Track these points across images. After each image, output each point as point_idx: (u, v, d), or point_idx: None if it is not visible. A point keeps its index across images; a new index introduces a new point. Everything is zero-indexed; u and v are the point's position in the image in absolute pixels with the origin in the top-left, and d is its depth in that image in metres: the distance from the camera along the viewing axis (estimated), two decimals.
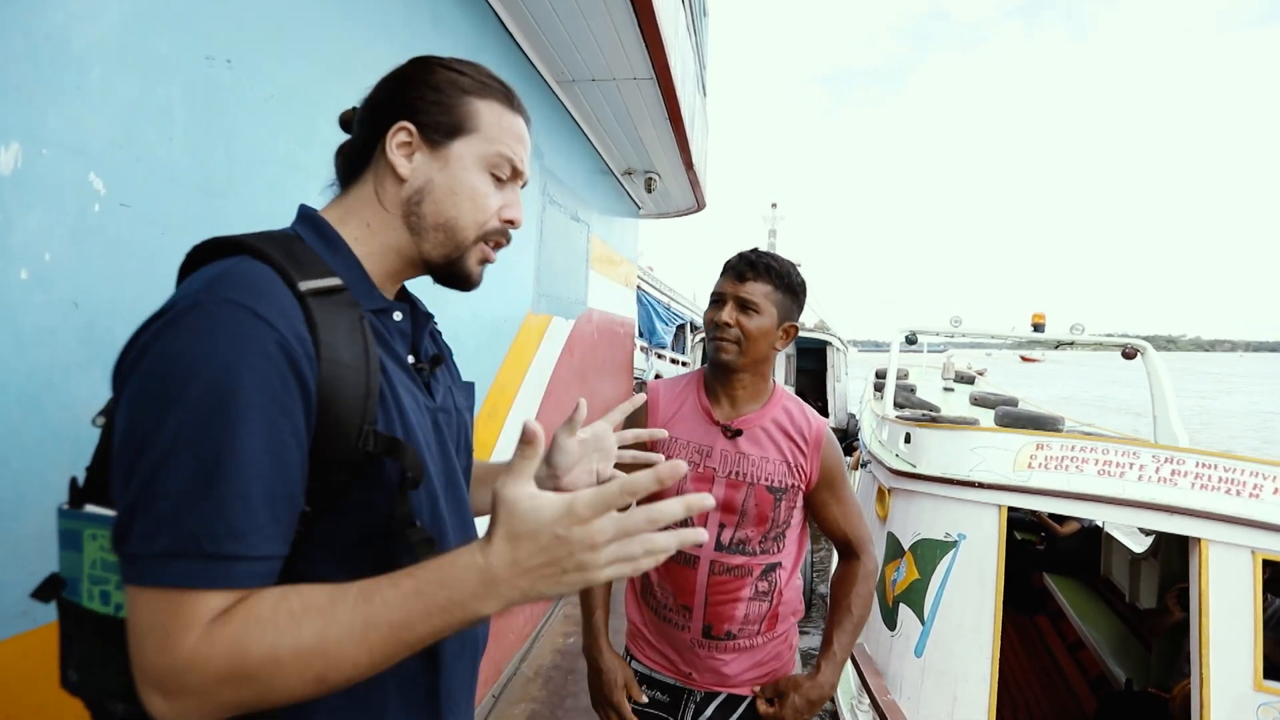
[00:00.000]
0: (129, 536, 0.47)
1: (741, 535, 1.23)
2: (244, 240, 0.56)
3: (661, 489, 0.50)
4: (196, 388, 0.48)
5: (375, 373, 0.58)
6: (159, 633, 0.46)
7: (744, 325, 1.21)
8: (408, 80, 0.66)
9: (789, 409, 1.29)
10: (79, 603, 0.55)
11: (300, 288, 0.55)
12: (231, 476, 0.47)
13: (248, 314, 0.50)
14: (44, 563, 0.82)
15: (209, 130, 1.06)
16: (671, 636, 1.28)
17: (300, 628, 0.48)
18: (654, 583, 1.31)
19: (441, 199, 0.66)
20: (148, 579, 0.47)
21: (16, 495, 0.79)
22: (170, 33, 0.98)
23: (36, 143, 0.80)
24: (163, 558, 0.46)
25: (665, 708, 1.30)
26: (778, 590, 1.25)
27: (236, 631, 0.47)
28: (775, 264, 1.24)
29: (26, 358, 0.80)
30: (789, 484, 1.23)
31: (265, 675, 0.47)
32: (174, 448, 0.47)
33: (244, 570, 0.49)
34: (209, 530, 0.47)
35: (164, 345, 0.49)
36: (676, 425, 1.29)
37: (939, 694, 2.70)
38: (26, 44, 0.78)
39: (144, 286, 0.94)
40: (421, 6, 1.76)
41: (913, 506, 3.03)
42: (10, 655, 0.80)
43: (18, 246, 0.78)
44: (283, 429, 0.51)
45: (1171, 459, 2.65)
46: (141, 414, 0.48)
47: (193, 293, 0.51)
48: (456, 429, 0.74)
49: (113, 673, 0.53)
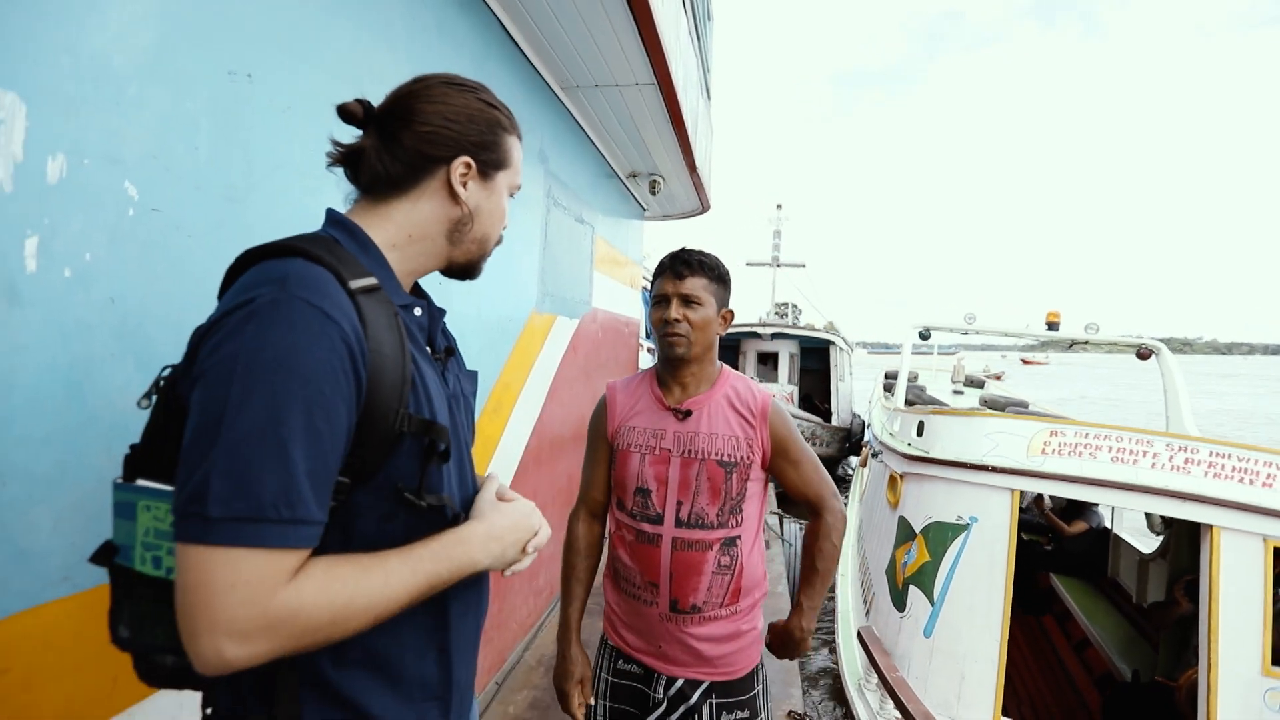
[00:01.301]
0: (206, 500, 0.53)
1: (698, 510, 1.31)
2: (295, 245, 0.64)
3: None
4: (276, 374, 0.55)
5: (409, 363, 0.67)
6: (244, 588, 0.53)
7: (690, 318, 1.31)
8: (466, 119, 0.76)
9: (736, 387, 1.38)
10: (131, 567, 0.63)
11: (350, 286, 0.63)
12: (300, 453, 0.55)
13: (318, 312, 0.58)
14: (83, 534, 0.91)
15: (231, 140, 1.14)
16: (642, 614, 1.36)
17: (369, 578, 0.60)
18: (624, 563, 1.39)
19: (485, 220, 0.80)
20: (230, 539, 0.53)
21: (59, 472, 0.88)
22: (197, 50, 1.06)
23: (79, 154, 0.88)
24: (243, 521, 0.53)
25: (638, 679, 1.38)
26: (739, 564, 1.32)
27: (321, 583, 0.57)
28: (705, 258, 1.35)
29: (69, 349, 0.88)
30: (739, 457, 1.31)
31: (343, 620, 0.58)
32: (256, 424, 0.54)
33: (310, 533, 0.57)
34: (286, 497, 0.55)
35: (248, 335, 0.56)
36: (634, 418, 1.40)
37: (947, 674, 2.73)
38: (72, 63, 0.87)
39: (172, 285, 1.03)
40: (428, 17, 1.84)
41: (925, 490, 3.06)
42: (53, 617, 0.88)
43: (62, 248, 0.87)
44: (340, 412, 0.59)
45: (1185, 447, 2.67)
46: (224, 393, 0.54)
47: (267, 291, 0.58)
48: (464, 412, 0.84)
49: (162, 629, 0.61)
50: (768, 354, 11.50)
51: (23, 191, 0.81)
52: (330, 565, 0.59)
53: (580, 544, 1.48)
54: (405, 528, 0.68)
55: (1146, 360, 4.90)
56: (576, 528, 1.50)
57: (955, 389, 8.96)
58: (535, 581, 3.17)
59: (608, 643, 1.45)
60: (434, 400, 0.71)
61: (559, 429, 3.29)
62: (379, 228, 0.74)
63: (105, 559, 0.65)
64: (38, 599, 0.86)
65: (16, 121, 0.80)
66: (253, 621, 0.53)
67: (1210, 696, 2.44)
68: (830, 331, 10.97)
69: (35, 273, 0.83)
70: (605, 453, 1.45)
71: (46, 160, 0.84)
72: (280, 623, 0.54)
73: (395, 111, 0.75)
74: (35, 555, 0.85)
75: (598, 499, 1.49)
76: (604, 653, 1.46)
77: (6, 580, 0.82)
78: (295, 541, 0.56)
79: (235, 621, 0.53)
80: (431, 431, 0.67)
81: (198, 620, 0.53)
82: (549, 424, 3.11)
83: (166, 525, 0.61)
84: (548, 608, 3.45)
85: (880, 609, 3.15)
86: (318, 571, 0.58)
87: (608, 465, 1.45)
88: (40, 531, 0.86)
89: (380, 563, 0.62)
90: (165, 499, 0.61)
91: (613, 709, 1.40)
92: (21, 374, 0.82)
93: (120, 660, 0.97)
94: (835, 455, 10.16)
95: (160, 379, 0.67)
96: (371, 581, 0.60)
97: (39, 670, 0.86)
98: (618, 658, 1.41)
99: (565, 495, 3.51)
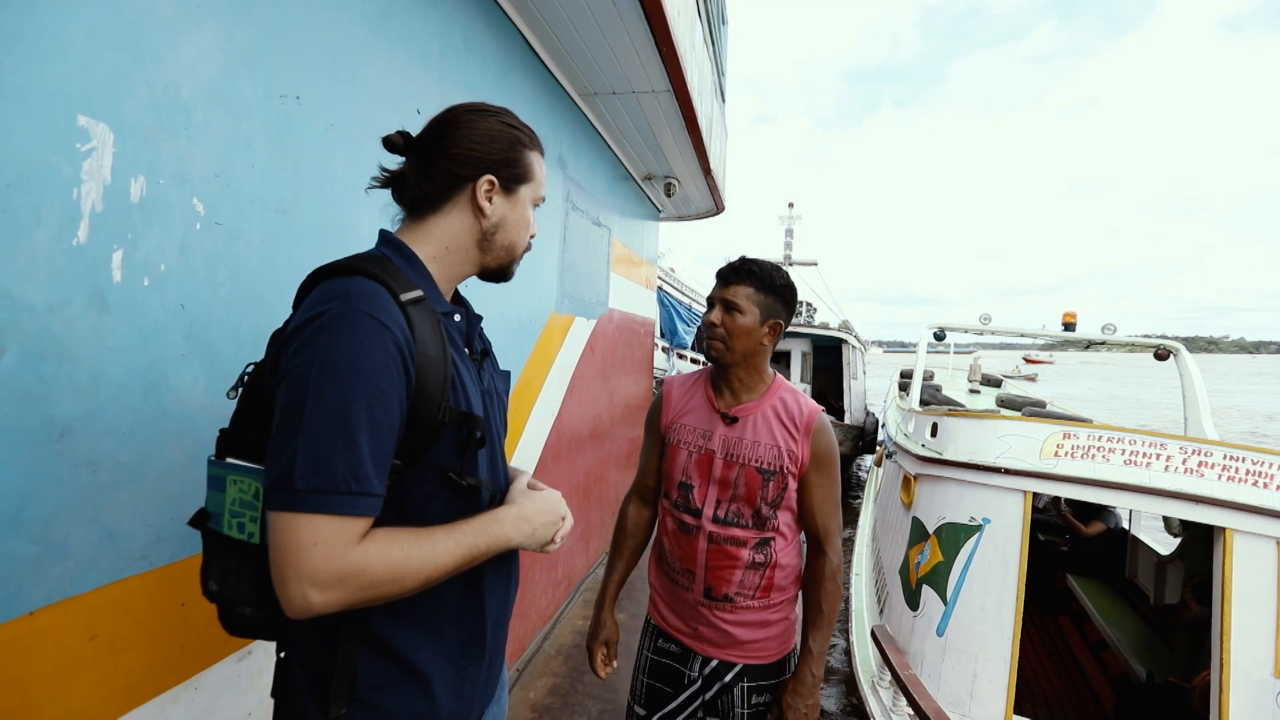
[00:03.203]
0: (293, 475, 0.64)
1: (734, 510, 1.38)
2: (356, 265, 0.74)
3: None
4: (345, 374, 0.66)
5: (450, 364, 0.77)
6: (324, 547, 0.64)
7: (728, 325, 1.37)
8: (488, 140, 0.85)
9: (784, 398, 1.43)
10: (220, 531, 0.74)
11: (401, 299, 0.73)
12: (364, 438, 0.66)
13: (376, 322, 0.69)
14: (157, 516, 1.01)
15: (282, 158, 1.25)
16: (680, 596, 1.45)
17: (421, 545, 0.71)
18: (667, 549, 1.48)
19: (510, 229, 0.90)
20: (311, 507, 0.64)
21: (139, 461, 0.98)
22: (252, 77, 1.16)
23: (155, 175, 0.98)
24: (323, 493, 0.64)
25: (676, 658, 1.46)
26: (773, 563, 1.38)
27: (383, 546, 0.68)
28: (757, 269, 1.39)
29: (147, 350, 0.98)
30: (778, 467, 1.36)
31: (401, 578, 0.69)
32: (329, 415, 0.65)
33: (373, 503, 0.68)
34: (354, 474, 0.66)
35: (322, 342, 0.67)
36: (686, 415, 1.47)
37: (959, 672, 2.77)
38: (150, 94, 0.97)
39: (231, 291, 1.13)
40: (455, 34, 1.93)
41: (938, 491, 3.10)
42: (131, 590, 0.98)
43: (141, 259, 0.97)
44: (394, 405, 0.70)
45: (1199, 450, 2.68)
46: (303, 390, 0.66)
47: (336, 304, 0.69)
48: (499, 407, 0.94)
49: (245, 585, 0.73)
50: (780, 352, 11.50)
51: (111, 210, 0.92)
52: (390, 533, 0.70)
53: (629, 524, 1.60)
54: (447, 505, 0.79)
55: (1164, 361, 4.85)
56: (628, 508, 1.61)
57: (972, 388, 8.89)
58: (554, 574, 3.27)
59: (651, 622, 1.55)
60: (470, 395, 0.81)
61: (577, 427, 3.39)
62: (422, 244, 0.84)
63: (200, 523, 0.77)
64: (121, 574, 0.96)
65: (106, 149, 0.90)
66: (331, 573, 0.64)
67: (1222, 698, 2.46)
68: (843, 330, 10.95)
69: (120, 282, 0.94)
70: (658, 444, 1.53)
71: (130, 182, 0.94)
72: (352, 575, 0.65)
73: (428, 139, 0.86)
74: (120, 535, 0.96)
75: (649, 485, 1.58)
76: (648, 631, 1.55)
77: (96, 557, 0.92)
78: (362, 509, 0.67)
79: (317, 574, 0.64)
80: (469, 422, 0.78)
81: (287, 571, 0.64)
82: (567, 422, 3.20)
83: (250, 496, 0.72)
84: (566, 599, 3.55)
85: (894, 608, 3.19)
86: (381, 537, 0.69)
87: (659, 456, 1.54)
88: (124, 514, 0.96)
89: (430, 534, 0.73)
90: (250, 475, 0.72)
91: (649, 686, 1.49)
92: (110, 373, 0.93)
93: (189, 629, 1.08)
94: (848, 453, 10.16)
95: (245, 374, 0.79)
96: (422, 548, 0.71)
97: (121, 636, 0.97)
98: (659, 636, 1.50)
99: (583, 491, 3.60)
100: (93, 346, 0.90)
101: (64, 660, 0.89)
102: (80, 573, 0.90)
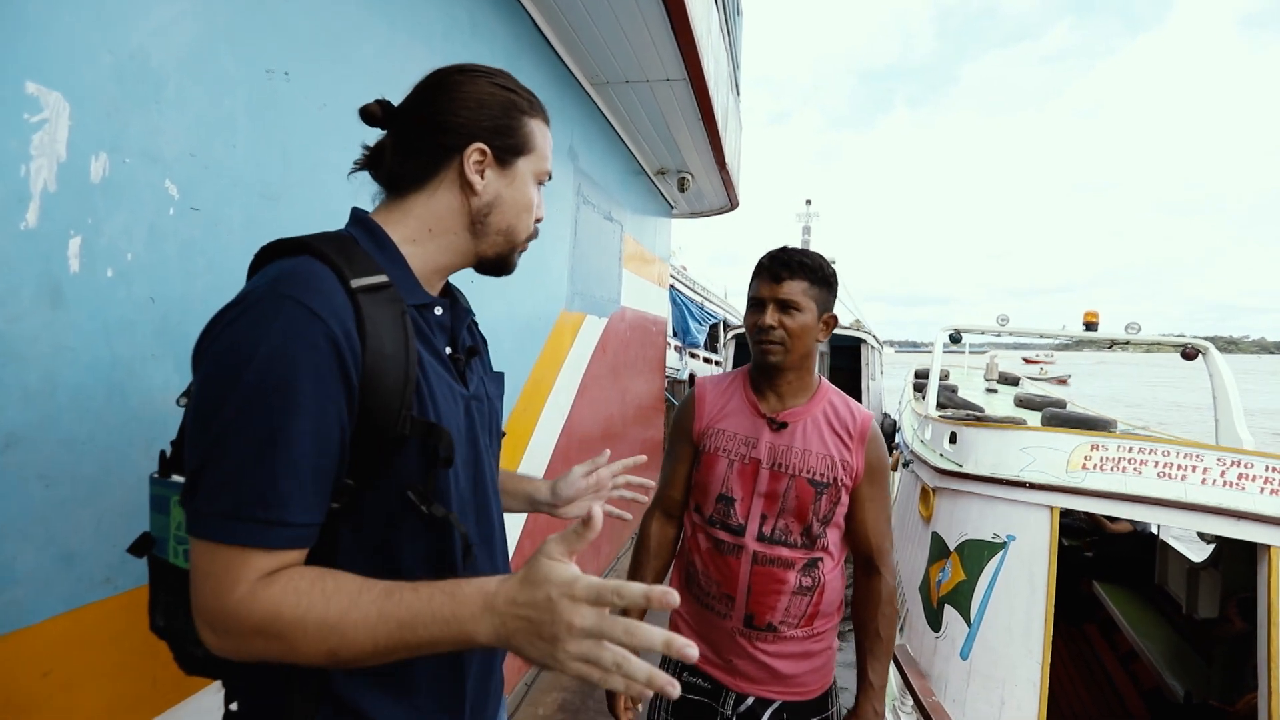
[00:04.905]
0: (196, 495, 0.55)
1: (782, 526, 1.23)
2: (307, 241, 0.62)
3: (648, 607, 0.53)
4: (255, 373, 0.54)
5: (414, 364, 0.63)
6: (214, 580, 0.54)
7: (787, 325, 1.22)
8: (477, 105, 0.71)
9: (834, 403, 1.29)
10: (166, 559, 0.63)
11: (352, 285, 0.61)
12: (281, 453, 0.54)
13: (303, 310, 0.56)
14: (125, 534, 0.90)
15: (268, 138, 1.14)
16: (713, 625, 1.28)
17: (329, 605, 0.54)
18: (699, 571, 1.31)
19: (507, 210, 0.75)
20: (209, 534, 0.54)
21: (103, 472, 0.87)
22: (235, 48, 1.06)
23: (120, 152, 0.88)
24: (222, 517, 0.53)
25: (707, 694, 1.30)
26: (820, 587, 1.24)
27: (276, 595, 0.54)
28: (808, 259, 1.24)
29: (111, 348, 0.88)
30: (832, 478, 1.22)
31: (290, 636, 0.53)
32: (234, 423, 0.54)
33: (286, 534, 0.55)
34: (261, 498, 0.53)
35: (232, 334, 0.56)
36: (724, 420, 1.31)
37: (985, 698, 2.63)
38: (113, 62, 0.86)
39: (211, 283, 1.02)
40: (461, 15, 1.82)
41: (959, 507, 2.97)
42: (94, 618, 0.88)
43: (104, 247, 0.86)
44: (327, 412, 0.57)
45: (1239, 462, 2.53)
46: (210, 392, 0.56)
47: (260, 288, 0.58)
48: (488, 415, 0.80)
49: (192, 620, 0.59)
50: None
51: (66, 191, 0.81)
52: (302, 577, 0.56)
53: (652, 543, 1.40)
54: (414, 534, 0.65)
55: (1192, 360, 4.66)
56: (650, 526, 1.42)
57: (989, 387, 8.70)
58: None
59: None
60: (439, 402, 0.68)
61: (588, 428, 3.27)
62: (398, 224, 0.72)
63: (143, 549, 0.66)
64: (80, 600, 0.86)
65: (60, 121, 0.80)
66: (215, 614, 0.54)
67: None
68: (859, 329, 10.78)
69: (78, 273, 0.83)
70: (688, 452, 1.37)
71: (89, 159, 0.84)
72: (235, 620, 0.54)
73: (410, 106, 0.74)
74: (79, 557, 0.85)
75: (675, 498, 1.39)
76: (670, 662, 1.34)
77: (50, 582, 0.82)
78: (270, 542, 0.55)
79: (204, 610, 0.54)
80: (432, 434, 0.64)
81: (193, 604, 0.55)
82: (578, 423, 3.09)
83: None
84: None
85: (915, 628, 3.06)
86: (286, 580, 0.55)
87: (690, 465, 1.37)
88: (84, 533, 0.85)
89: (359, 590, 0.55)
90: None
91: None
92: (66, 375, 0.82)
93: (159, 661, 0.97)
94: None
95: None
96: (331, 606, 0.54)
97: (80, 671, 0.86)
98: (684, 669, 1.32)
99: None
100: (45, 344, 0.79)
101: (9, 702, 0.78)
102: (32, 601, 0.80)
